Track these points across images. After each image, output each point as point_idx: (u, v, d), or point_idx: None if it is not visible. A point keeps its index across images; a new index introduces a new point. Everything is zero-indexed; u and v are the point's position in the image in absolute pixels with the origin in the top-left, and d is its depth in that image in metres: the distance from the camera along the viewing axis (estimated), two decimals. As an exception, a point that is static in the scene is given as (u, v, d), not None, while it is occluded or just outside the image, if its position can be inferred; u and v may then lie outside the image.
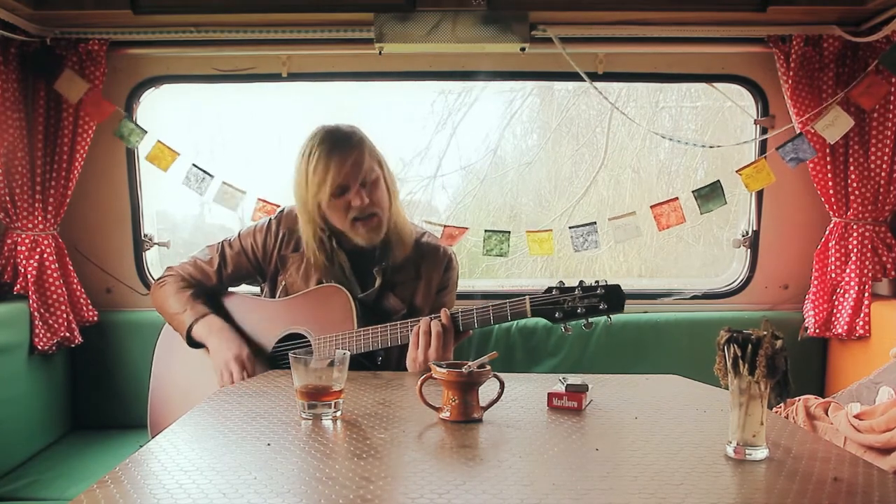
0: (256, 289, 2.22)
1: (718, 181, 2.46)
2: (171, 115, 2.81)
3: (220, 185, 2.55)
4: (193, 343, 2.04)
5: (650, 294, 2.70)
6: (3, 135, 2.29)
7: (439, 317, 1.83)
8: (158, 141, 2.50)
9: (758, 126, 2.58)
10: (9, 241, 2.41)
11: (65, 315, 2.42)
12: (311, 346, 1.96)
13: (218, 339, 1.99)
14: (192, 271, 2.12)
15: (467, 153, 3.73)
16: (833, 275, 2.45)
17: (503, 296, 1.87)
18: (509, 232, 2.55)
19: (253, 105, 3.08)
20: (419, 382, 1.43)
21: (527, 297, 1.82)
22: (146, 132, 2.50)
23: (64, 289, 2.44)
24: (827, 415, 1.86)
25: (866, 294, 2.38)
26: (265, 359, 2.02)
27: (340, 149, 1.90)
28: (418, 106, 3.55)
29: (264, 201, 2.56)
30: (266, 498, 1.00)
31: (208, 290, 2.11)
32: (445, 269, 2.09)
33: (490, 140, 3.73)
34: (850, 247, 2.41)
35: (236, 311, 2.08)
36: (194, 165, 2.53)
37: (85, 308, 2.52)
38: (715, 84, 2.66)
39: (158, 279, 2.15)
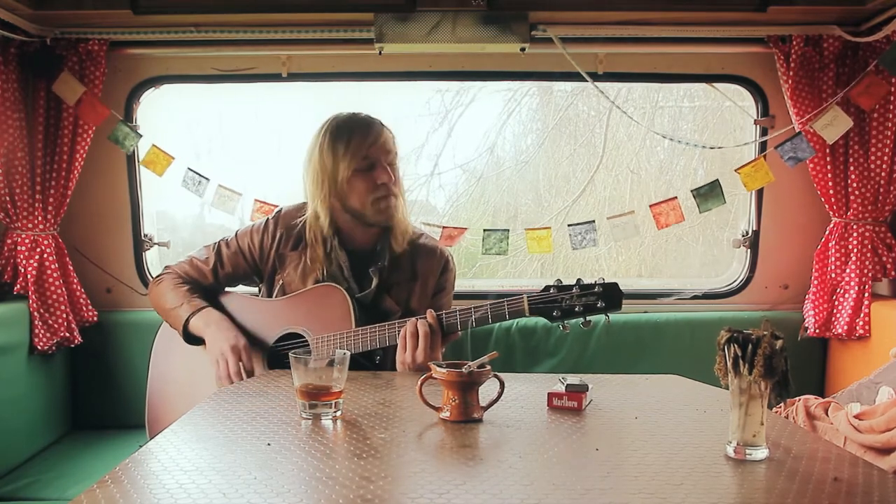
0: (253, 289, 2.22)
1: (717, 180, 2.46)
2: (171, 115, 2.81)
3: (217, 189, 2.55)
4: (190, 338, 2.02)
5: (650, 294, 2.70)
6: (3, 135, 2.29)
7: (426, 317, 1.84)
8: (153, 145, 2.50)
9: (758, 126, 2.58)
10: (9, 241, 2.40)
11: (64, 315, 2.42)
12: (309, 345, 1.96)
13: (215, 329, 1.98)
14: (188, 270, 2.12)
15: (465, 152, 3.74)
16: (833, 275, 2.45)
17: (501, 295, 1.87)
18: (508, 230, 2.55)
19: (253, 105, 3.08)
20: (419, 382, 1.43)
21: (524, 295, 1.81)
22: (141, 136, 2.50)
23: (64, 289, 2.44)
24: (827, 415, 1.86)
25: (866, 294, 2.38)
26: (264, 355, 2.01)
27: (370, 127, 1.98)
28: (416, 104, 3.55)
29: (262, 202, 2.56)
30: (266, 498, 1.00)
31: (205, 289, 2.11)
32: (442, 270, 2.09)
33: (488, 139, 3.74)
34: (850, 247, 2.41)
35: (234, 310, 2.07)
36: (189, 169, 2.54)
37: (85, 308, 2.52)
38: (715, 84, 2.66)
39: (156, 277, 2.15)
